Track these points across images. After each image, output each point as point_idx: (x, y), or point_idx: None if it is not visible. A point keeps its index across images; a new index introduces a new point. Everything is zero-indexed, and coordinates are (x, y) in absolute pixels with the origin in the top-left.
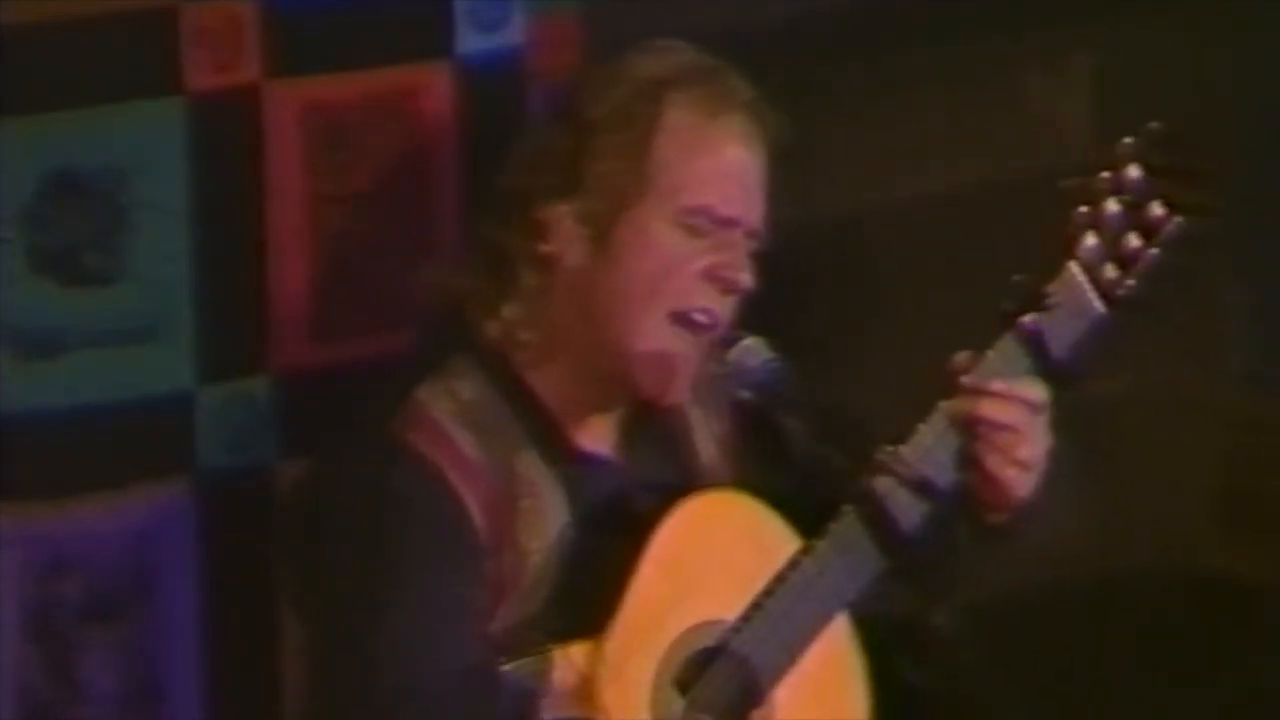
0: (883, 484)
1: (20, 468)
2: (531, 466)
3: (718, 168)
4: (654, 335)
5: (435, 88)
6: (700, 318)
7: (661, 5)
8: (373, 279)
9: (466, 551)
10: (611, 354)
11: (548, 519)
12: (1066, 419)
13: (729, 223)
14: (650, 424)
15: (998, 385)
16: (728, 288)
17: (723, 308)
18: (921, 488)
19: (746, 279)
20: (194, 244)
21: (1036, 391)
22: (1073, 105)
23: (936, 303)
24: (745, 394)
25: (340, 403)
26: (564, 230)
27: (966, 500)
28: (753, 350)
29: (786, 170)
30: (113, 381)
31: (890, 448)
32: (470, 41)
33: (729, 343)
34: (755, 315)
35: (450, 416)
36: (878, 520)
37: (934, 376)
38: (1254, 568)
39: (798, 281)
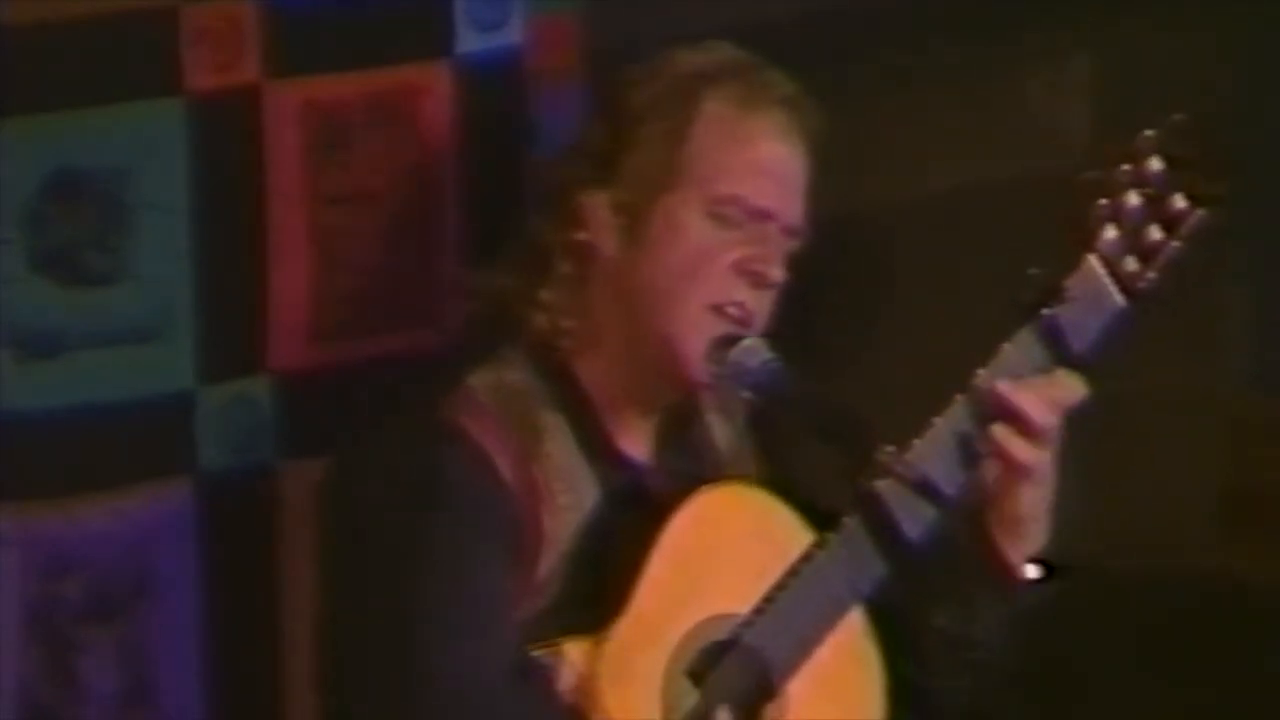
0: (892, 483)
1: (20, 468)
2: (571, 460)
3: (752, 159)
4: (690, 323)
5: (435, 88)
6: (733, 311)
7: (662, 5)
8: (373, 279)
9: (511, 539)
10: (651, 341)
11: (582, 515)
12: (1067, 419)
13: (762, 215)
14: (683, 433)
15: (1009, 378)
16: (758, 281)
17: (756, 302)
18: (929, 486)
19: (776, 273)
20: (194, 244)
21: (1057, 382)
22: (1073, 105)
23: (936, 303)
24: (745, 394)
25: (340, 403)
26: (600, 219)
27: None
28: (753, 350)
29: None
30: (113, 381)
31: (891, 448)
32: (470, 41)
33: (729, 343)
34: None
35: (499, 404)
36: (886, 518)
37: (933, 375)
38: (1254, 568)
39: (797, 282)
